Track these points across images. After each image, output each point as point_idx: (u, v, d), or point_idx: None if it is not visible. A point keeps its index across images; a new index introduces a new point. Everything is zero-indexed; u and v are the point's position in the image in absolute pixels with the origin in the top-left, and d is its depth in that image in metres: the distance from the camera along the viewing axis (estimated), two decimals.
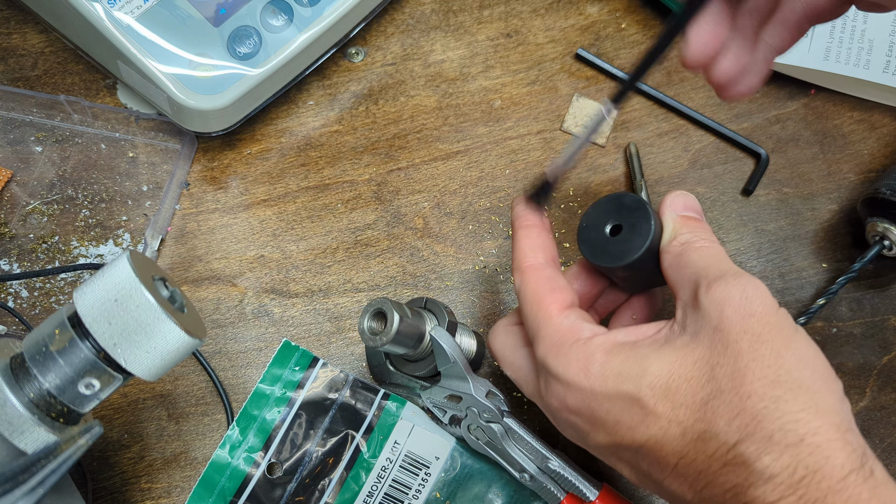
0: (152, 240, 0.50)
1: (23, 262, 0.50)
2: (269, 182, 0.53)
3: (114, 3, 0.48)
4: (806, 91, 0.58)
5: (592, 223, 0.38)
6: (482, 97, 0.56)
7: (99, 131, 0.53)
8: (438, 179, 0.54)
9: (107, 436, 0.47)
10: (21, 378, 0.33)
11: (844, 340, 0.51)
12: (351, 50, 0.57)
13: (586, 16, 0.59)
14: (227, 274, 0.51)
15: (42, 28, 0.56)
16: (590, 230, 0.38)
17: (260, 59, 0.49)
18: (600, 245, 0.37)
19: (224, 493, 0.44)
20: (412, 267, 0.52)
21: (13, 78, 0.54)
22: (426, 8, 0.58)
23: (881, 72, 0.54)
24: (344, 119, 0.55)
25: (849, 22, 0.56)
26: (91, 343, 0.33)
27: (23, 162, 0.52)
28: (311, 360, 0.47)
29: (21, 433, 0.32)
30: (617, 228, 0.37)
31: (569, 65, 0.58)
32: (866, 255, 0.50)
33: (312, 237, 0.52)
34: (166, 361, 0.33)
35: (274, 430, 0.46)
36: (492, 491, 0.46)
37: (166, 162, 0.53)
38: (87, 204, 0.52)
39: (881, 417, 0.50)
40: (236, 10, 0.50)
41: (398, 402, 0.46)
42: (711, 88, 0.57)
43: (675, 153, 0.55)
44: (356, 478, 0.45)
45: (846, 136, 0.56)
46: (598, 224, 0.38)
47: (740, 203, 0.54)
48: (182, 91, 0.48)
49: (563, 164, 0.39)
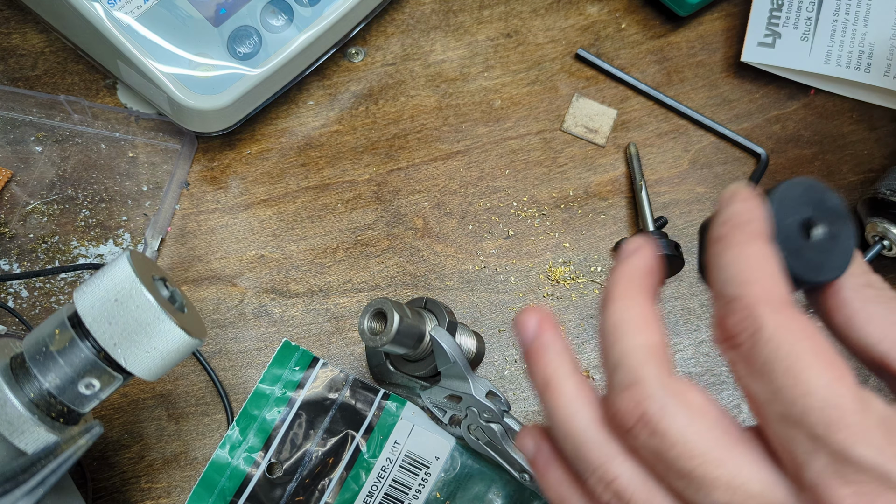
0: (152, 240, 0.50)
1: (23, 262, 0.50)
2: (269, 182, 0.53)
3: (114, 3, 0.48)
4: (806, 91, 0.58)
5: (782, 214, 0.26)
6: (482, 97, 0.56)
7: (99, 131, 0.53)
8: (438, 179, 0.54)
9: (107, 436, 0.47)
10: (21, 378, 0.33)
11: None
12: (351, 50, 0.57)
13: (586, 16, 0.59)
14: (227, 274, 0.51)
15: (42, 28, 0.56)
16: (780, 224, 0.26)
17: (260, 59, 0.49)
18: (793, 247, 0.26)
19: (224, 493, 0.44)
20: (412, 267, 0.52)
21: (13, 78, 0.54)
22: (426, 8, 0.58)
23: (882, 75, 0.54)
24: (344, 119, 0.55)
25: (849, 25, 0.56)
26: (91, 343, 0.33)
27: (23, 162, 0.52)
28: (311, 360, 0.47)
29: (21, 433, 0.32)
30: (809, 228, 0.27)
31: (569, 65, 0.58)
32: (866, 255, 0.50)
33: (312, 237, 0.52)
34: (166, 361, 0.33)
35: (274, 430, 0.46)
36: (492, 491, 0.46)
37: (166, 162, 0.53)
38: (87, 204, 0.52)
39: None
40: (236, 10, 0.50)
41: (398, 402, 0.46)
42: (711, 88, 0.57)
43: (675, 153, 0.55)
44: (356, 478, 0.45)
45: (846, 137, 0.56)
46: (788, 217, 0.26)
47: None
48: (182, 91, 0.48)
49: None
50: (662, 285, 0.27)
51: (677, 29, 0.59)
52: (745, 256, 0.24)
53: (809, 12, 0.56)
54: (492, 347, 0.50)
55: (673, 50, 0.58)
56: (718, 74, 0.58)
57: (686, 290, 0.52)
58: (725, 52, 0.59)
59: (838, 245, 0.26)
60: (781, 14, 0.56)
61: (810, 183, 0.27)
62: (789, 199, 0.27)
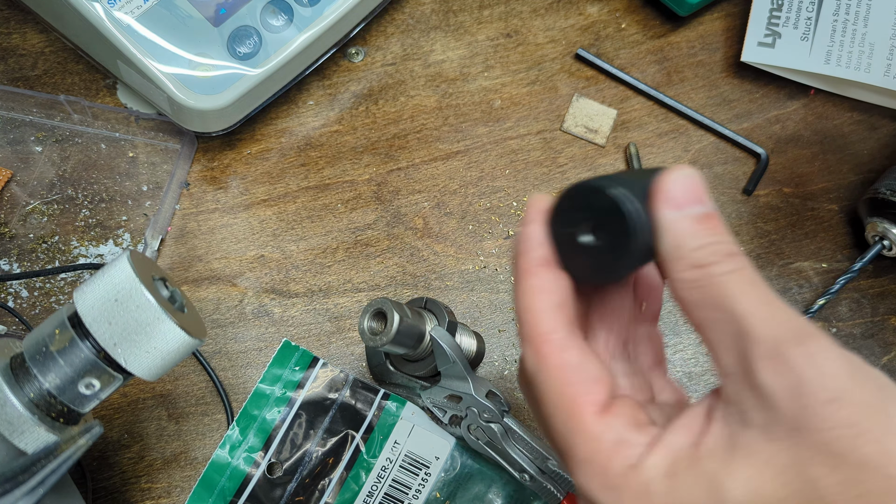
0: (152, 240, 0.50)
1: (23, 262, 0.50)
2: (269, 182, 0.53)
3: (114, 3, 0.48)
4: (806, 91, 0.58)
5: (562, 226, 0.28)
6: (482, 97, 0.56)
7: (99, 131, 0.53)
8: (438, 179, 0.54)
9: (107, 436, 0.47)
10: (21, 378, 0.33)
11: (844, 340, 0.51)
12: (351, 50, 0.57)
13: (586, 16, 0.59)
14: (227, 274, 0.51)
15: (42, 28, 0.56)
16: (560, 234, 0.28)
17: (260, 59, 0.49)
18: (575, 255, 0.28)
19: (224, 493, 0.44)
20: (412, 267, 0.52)
21: (13, 78, 0.54)
22: (426, 8, 0.58)
23: (882, 75, 0.54)
24: (344, 119, 0.55)
25: (849, 25, 0.56)
26: (91, 343, 0.33)
27: (23, 162, 0.52)
28: (311, 360, 0.47)
29: (21, 433, 0.32)
30: (592, 230, 0.27)
31: (569, 65, 0.58)
32: (866, 255, 0.50)
33: (312, 237, 0.52)
34: (166, 361, 0.33)
35: (274, 430, 0.46)
36: (492, 491, 0.46)
37: (166, 162, 0.53)
38: (87, 204, 0.52)
39: None
40: (236, 10, 0.50)
41: (398, 402, 0.46)
42: (711, 88, 0.57)
43: (676, 153, 0.55)
44: (356, 478, 0.45)
45: (846, 137, 0.56)
46: (569, 227, 0.28)
47: (740, 203, 0.54)
48: (182, 91, 0.48)
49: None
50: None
51: (677, 29, 0.59)
52: (521, 294, 0.28)
53: (809, 12, 0.56)
54: (492, 347, 0.50)
55: (673, 50, 0.58)
56: (718, 74, 0.58)
57: None
58: (725, 52, 0.59)
59: (613, 244, 0.26)
60: (781, 14, 0.56)
61: (588, 185, 0.27)
62: (567, 207, 0.27)
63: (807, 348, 0.23)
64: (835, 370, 0.22)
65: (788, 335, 0.23)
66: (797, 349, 0.23)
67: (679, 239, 0.25)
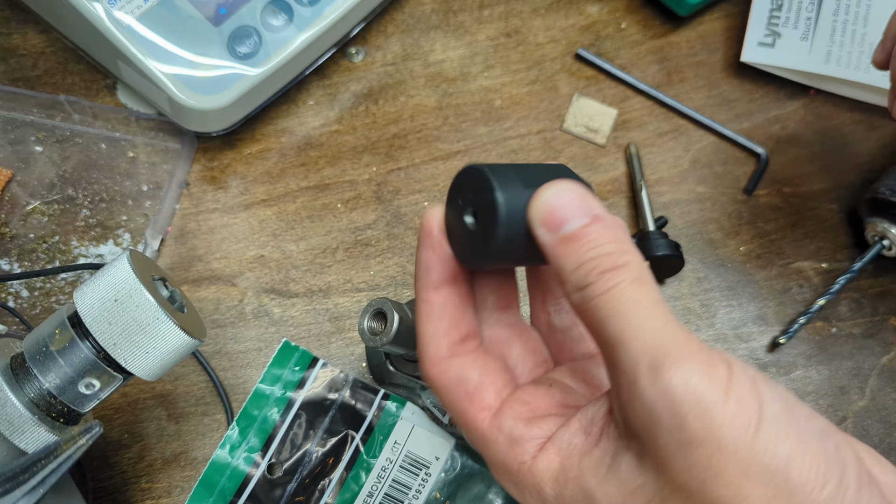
0: (152, 240, 0.50)
1: (23, 262, 0.50)
2: (269, 182, 0.53)
3: (114, 3, 0.48)
4: (806, 92, 0.58)
5: (451, 211, 0.28)
6: (482, 97, 0.56)
7: (99, 131, 0.53)
8: (438, 179, 0.54)
9: (107, 436, 0.47)
10: (21, 378, 0.33)
11: (844, 340, 0.51)
12: (351, 50, 0.57)
13: (586, 15, 0.59)
14: (227, 274, 0.51)
15: (42, 28, 0.56)
16: (451, 221, 0.28)
17: (260, 59, 0.49)
18: (459, 233, 0.27)
19: (224, 493, 0.44)
20: (412, 267, 0.52)
21: (13, 78, 0.55)
22: (426, 8, 0.58)
23: (882, 75, 0.54)
24: (344, 119, 0.55)
25: (849, 25, 0.56)
26: (91, 343, 0.33)
27: (23, 162, 0.52)
28: (311, 361, 0.47)
29: (21, 433, 0.32)
30: (474, 214, 0.27)
31: (569, 64, 0.58)
32: (866, 255, 0.50)
33: (312, 237, 0.52)
34: (166, 361, 0.33)
35: (274, 430, 0.46)
36: (492, 491, 0.46)
37: (166, 162, 0.53)
38: (88, 204, 0.52)
39: (881, 417, 0.50)
40: (236, 9, 0.50)
41: (398, 402, 0.46)
42: (711, 88, 0.57)
43: (676, 153, 0.55)
44: (356, 478, 0.45)
45: (846, 137, 0.56)
46: (458, 206, 0.28)
47: (740, 203, 0.54)
48: (182, 91, 0.48)
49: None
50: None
51: (677, 29, 0.59)
52: (416, 317, 0.28)
53: (809, 12, 0.56)
54: None
55: (673, 50, 0.58)
56: (718, 74, 0.58)
57: (686, 290, 0.52)
58: (725, 52, 0.59)
59: (484, 232, 0.26)
60: (781, 14, 0.56)
61: (478, 170, 0.26)
62: (458, 188, 0.28)
63: (673, 376, 0.21)
64: (701, 402, 0.21)
65: (659, 359, 0.22)
66: (665, 376, 0.21)
67: (558, 262, 0.24)
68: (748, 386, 0.22)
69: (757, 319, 0.52)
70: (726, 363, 0.22)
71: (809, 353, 0.51)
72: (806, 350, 0.51)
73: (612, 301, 0.23)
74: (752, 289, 0.52)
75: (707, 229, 0.54)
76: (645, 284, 0.23)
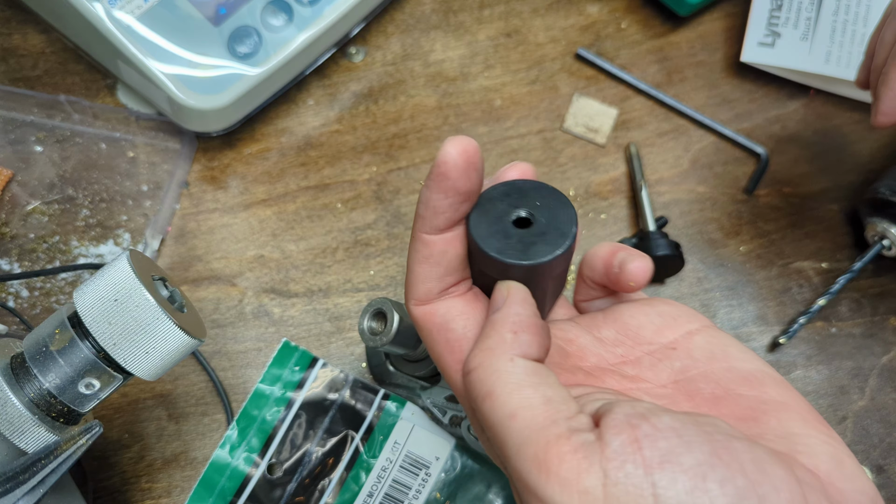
0: (152, 240, 0.50)
1: (23, 261, 0.50)
2: (269, 182, 0.53)
3: (114, 3, 0.48)
4: (806, 92, 0.58)
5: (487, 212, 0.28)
6: (482, 97, 0.56)
7: (99, 131, 0.53)
8: None
9: (107, 436, 0.47)
10: (21, 378, 0.33)
11: (844, 340, 0.51)
12: (351, 50, 0.57)
13: (586, 15, 0.59)
14: (227, 274, 0.51)
15: (42, 28, 0.56)
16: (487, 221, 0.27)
17: (260, 59, 0.49)
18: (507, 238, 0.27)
19: (224, 493, 0.44)
20: None
21: (14, 78, 0.55)
22: (426, 8, 0.58)
23: None
24: (344, 119, 0.55)
25: (849, 25, 0.56)
26: (91, 343, 0.33)
27: (23, 162, 0.52)
28: (311, 361, 0.47)
29: (21, 433, 0.32)
30: (524, 220, 0.27)
31: (569, 64, 0.58)
32: (866, 255, 0.50)
33: (312, 237, 0.52)
34: (166, 361, 0.33)
35: (274, 431, 0.46)
36: (492, 491, 0.46)
37: (166, 162, 0.53)
38: (88, 204, 0.52)
39: (881, 417, 0.50)
40: (236, 9, 0.50)
41: (398, 402, 0.46)
42: (711, 88, 0.57)
43: (676, 153, 0.55)
44: (356, 478, 0.45)
45: (846, 137, 0.56)
46: (498, 213, 0.27)
47: (740, 203, 0.54)
48: (182, 91, 0.48)
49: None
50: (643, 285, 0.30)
51: (677, 29, 0.59)
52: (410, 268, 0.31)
53: (809, 12, 0.56)
54: None
55: (673, 50, 0.58)
56: (718, 74, 0.58)
57: (686, 290, 0.52)
58: (725, 52, 0.59)
59: (550, 238, 0.27)
60: (781, 14, 0.56)
61: (540, 183, 0.28)
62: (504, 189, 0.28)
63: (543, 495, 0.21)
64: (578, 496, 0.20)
65: (542, 442, 0.22)
66: (543, 458, 0.21)
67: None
68: (631, 488, 0.20)
69: (757, 319, 0.52)
70: (602, 472, 0.21)
71: (809, 353, 0.51)
72: (806, 350, 0.51)
73: (479, 378, 0.25)
74: (753, 289, 0.52)
75: (707, 229, 0.54)
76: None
